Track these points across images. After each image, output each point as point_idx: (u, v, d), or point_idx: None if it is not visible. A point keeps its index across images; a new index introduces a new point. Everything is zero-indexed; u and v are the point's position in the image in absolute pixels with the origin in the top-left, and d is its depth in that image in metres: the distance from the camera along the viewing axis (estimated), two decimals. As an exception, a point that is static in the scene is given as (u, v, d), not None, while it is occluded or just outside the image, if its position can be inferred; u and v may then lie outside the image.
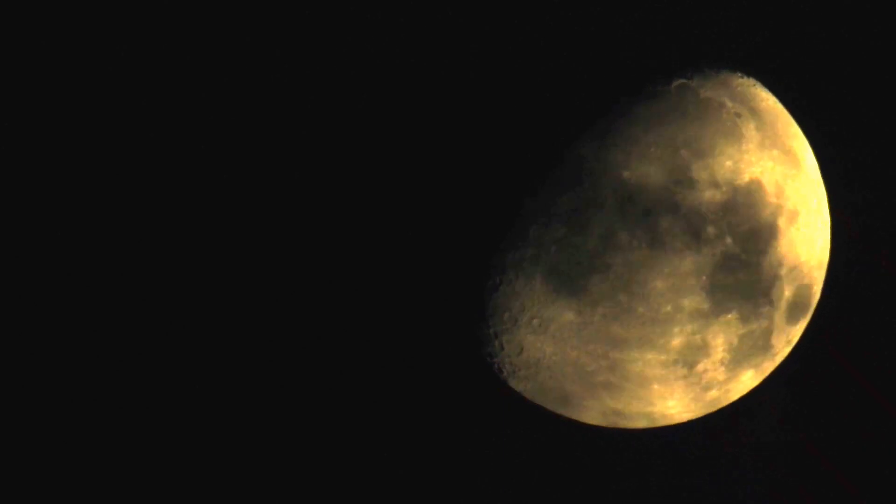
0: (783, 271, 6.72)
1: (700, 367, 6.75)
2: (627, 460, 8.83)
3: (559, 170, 6.39)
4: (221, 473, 8.83)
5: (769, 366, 7.21)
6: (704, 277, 6.44)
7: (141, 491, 8.72)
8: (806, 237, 6.86)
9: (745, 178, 6.51)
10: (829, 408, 9.05)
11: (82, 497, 8.67)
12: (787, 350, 7.26)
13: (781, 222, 6.67)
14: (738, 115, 6.63)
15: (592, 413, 7.15)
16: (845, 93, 8.73)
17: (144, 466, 8.73)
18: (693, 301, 6.48)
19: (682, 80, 6.59)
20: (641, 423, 7.27)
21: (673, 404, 6.99)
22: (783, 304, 6.83)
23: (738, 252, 6.48)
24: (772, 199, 6.61)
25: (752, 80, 6.96)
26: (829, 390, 9.02)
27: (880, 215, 8.75)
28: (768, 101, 6.94)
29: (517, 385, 7.10)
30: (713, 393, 7.02)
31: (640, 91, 6.47)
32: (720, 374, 6.86)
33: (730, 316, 6.60)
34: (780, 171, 6.70)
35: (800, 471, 9.09)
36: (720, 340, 6.67)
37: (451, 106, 6.85)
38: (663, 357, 6.64)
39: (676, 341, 6.59)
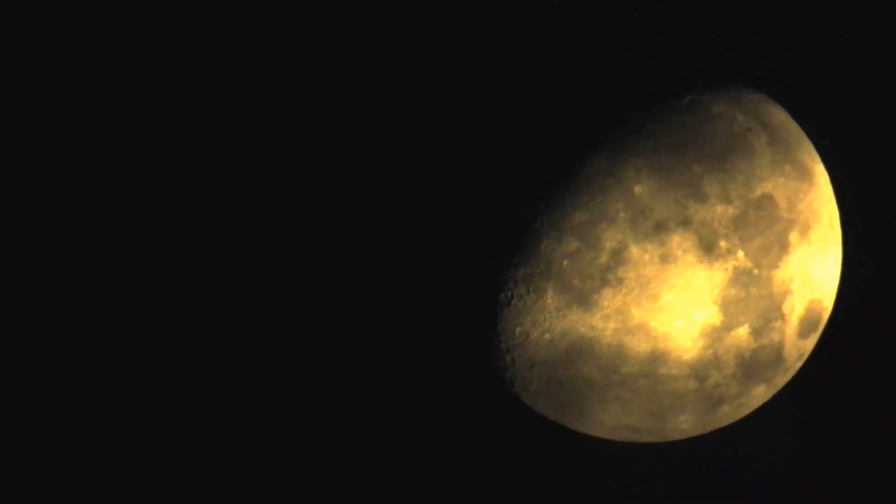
0: (795, 286, 6.71)
1: (712, 381, 6.75)
2: (639, 475, 8.82)
3: (570, 184, 6.39)
4: (228, 473, 8.84)
5: (781, 380, 7.19)
6: (716, 292, 6.44)
7: (140, 491, 8.72)
8: (818, 252, 6.85)
9: (757, 192, 6.51)
10: (841, 422, 9.03)
11: (82, 497, 8.66)
12: (799, 364, 7.25)
13: (793, 237, 6.66)
14: (750, 130, 6.63)
15: (604, 427, 7.14)
16: (858, 107, 8.72)
17: (144, 466, 8.72)
18: (705, 315, 6.47)
19: (694, 96, 6.59)
20: (653, 438, 7.27)
21: (684, 419, 6.98)
22: (795, 319, 6.82)
23: (750, 267, 6.48)
24: (784, 214, 6.61)
25: (763, 95, 6.96)
26: (841, 405, 9.00)
27: (894, 230, 8.74)
28: (780, 115, 6.93)
29: (528, 399, 7.10)
30: (725, 407, 7.01)
31: (651, 106, 6.47)
32: (732, 388, 6.85)
33: (741, 330, 6.59)
34: (791, 186, 6.69)
35: (811, 485, 9.07)
36: (732, 355, 6.67)
37: (461, 119, 6.86)
38: (675, 371, 6.63)
39: (688, 356, 6.58)
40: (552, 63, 6.74)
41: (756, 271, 6.50)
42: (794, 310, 6.78)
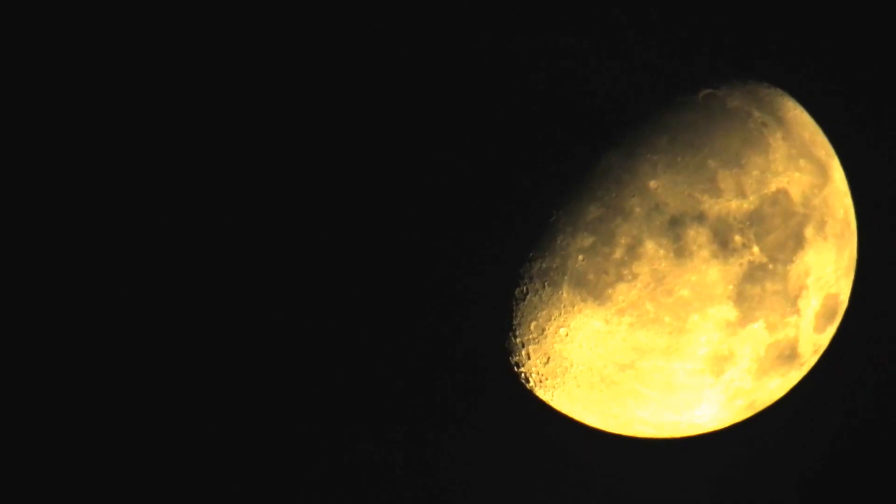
0: (810, 280, 6.71)
1: (727, 376, 6.75)
2: (655, 470, 8.83)
3: (586, 179, 6.40)
4: (246, 476, 8.86)
5: (796, 375, 7.19)
6: (731, 287, 6.44)
7: (142, 491, 8.73)
8: (833, 246, 6.84)
9: (772, 187, 6.51)
10: (856, 417, 9.02)
11: (82, 497, 8.68)
12: (815, 359, 7.24)
13: (808, 232, 6.66)
14: (765, 125, 6.63)
15: (619, 422, 7.15)
16: (872, 102, 8.71)
17: (145, 466, 8.74)
18: (720, 310, 6.47)
19: (709, 90, 6.59)
20: (668, 433, 7.27)
21: (700, 413, 6.98)
22: (810, 314, 6.81)
23: (765, 261, 6.48)
24: (798, 209, 6.61)
25: (778, 90, 6.96)
26: (856, 399, 8.99)
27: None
28: (795, 110, 6.93)
29: (544, 394, 7.11)
30: (740, 402, 7.01)
31: (667, 101, 6.48)
32: (747, 383, 6.85)
33: (757, 325, 6.59)
34: (806, 181, 6.69)
35: (827, 479, 9.06)
36: (747, 350, 6.67)
37: (477, 114, 6.87)
38: (690, 366, 6.64)
39: (703, 350, 6.59)
40: (568, 58, 6.75)
41: (771, 266, 6.50)
42: (810, 304, 6.77)
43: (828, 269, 6.82)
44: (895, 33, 8.65)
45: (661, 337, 6.50)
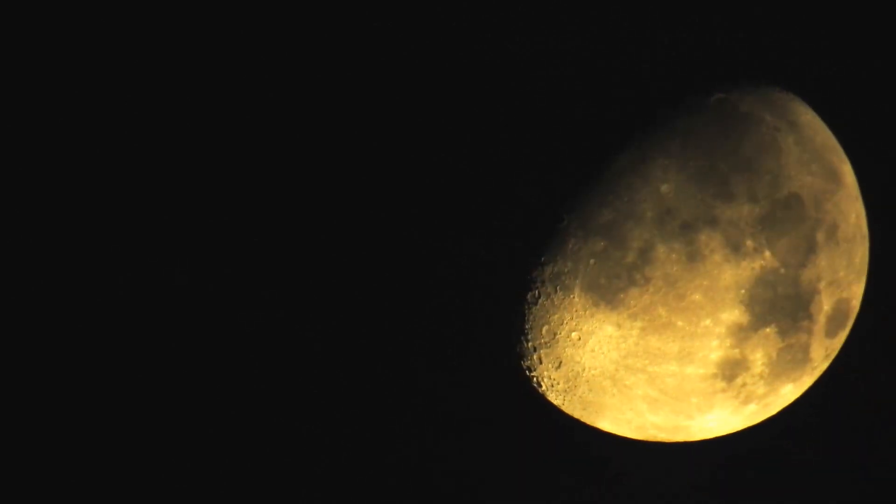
0: (822, 285, 6.70)
1: (739, 380, 6.75)
2: (667, 474, 8.82)
3: (598, 183, 6.41)
4: (246, 476, 8.87)
5: (808, 379, 7.19)
6: (743, 291, 6.43)
7: (142, 491, 8.74)
8: (845, 251, 6.84)
9: (784, 191, 6.51)
10: (868, 422, 9.00)
11: (83, 497, 8.69)
12: (827, 364, 7.24)
13: (820, 236, 6.65)
14: (777, 130, 6.63)
15: (631, 427, 7.14)
16: (884, 106, 8.70)
17: (145, 466, 8.74)
18: (732, 315, 6.47)
19: (722, 95, 6.59)
20: (680, 437, 7.27)
21: (712, 418, 6.98)
22: (822, 318, 6.81)
23: (777, 266, 6.47)
24: (810, 213, 6.60)
25: (791, 95, 6.96)
26: (868, 404, 8.98)
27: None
28: (807, 115, 6.93)
29: (556, 399, 7.11)
30: (752, 407, 7.01)
31: (679, 105, 6.48)
32: (759, 387, 6.85)
33: (769, 330, 6.59)
34: (818, 185, 6.68)
35: (837, 483, 9.04)
36: (759, 354, 6.66)
37: (489, 118, 6.88)
38: (702, 371, 6.63)
39: (715, 355, 6.59)
40: (580, 62, 6.76)
41: (783, 271, 6.50)
42: (822, 309, 6.77)
43: (840, 274, 6.82)
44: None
45: (673, 341, 6.50)
